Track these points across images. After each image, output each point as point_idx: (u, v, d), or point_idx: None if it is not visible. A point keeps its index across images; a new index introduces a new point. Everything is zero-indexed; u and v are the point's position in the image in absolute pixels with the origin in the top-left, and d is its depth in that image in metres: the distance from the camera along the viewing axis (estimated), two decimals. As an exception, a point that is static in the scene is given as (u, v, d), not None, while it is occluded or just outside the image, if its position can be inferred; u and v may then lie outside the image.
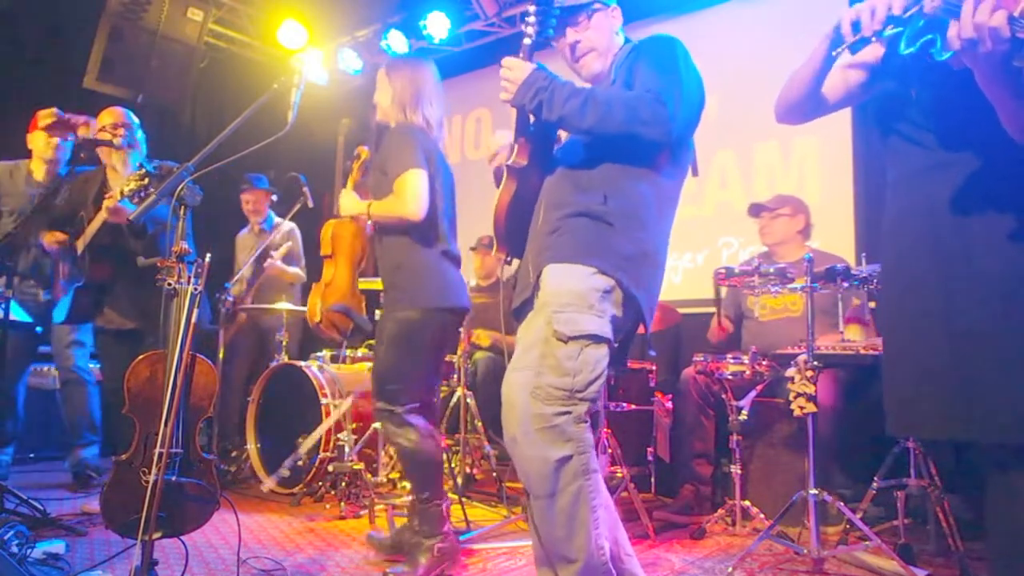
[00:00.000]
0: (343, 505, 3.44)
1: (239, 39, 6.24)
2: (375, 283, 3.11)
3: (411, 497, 2.58)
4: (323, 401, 3.74)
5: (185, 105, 5.77)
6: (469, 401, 3.99)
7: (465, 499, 3.50)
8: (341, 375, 3.92)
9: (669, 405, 3.68)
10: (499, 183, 1.96)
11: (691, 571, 2.59)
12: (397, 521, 2.73)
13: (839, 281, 2.71)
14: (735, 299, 3.77)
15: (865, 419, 3.07)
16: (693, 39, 2.03)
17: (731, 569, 2.51)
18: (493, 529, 3.08)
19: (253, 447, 3.96)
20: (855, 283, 2.73)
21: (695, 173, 2.07)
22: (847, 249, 4.08)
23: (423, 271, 2.55)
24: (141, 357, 2.18)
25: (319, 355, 4.14)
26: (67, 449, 4.03)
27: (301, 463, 3.71)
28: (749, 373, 3.05)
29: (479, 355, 4.57)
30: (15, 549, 2.30)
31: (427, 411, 2.63)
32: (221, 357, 4.04)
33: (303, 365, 3.90)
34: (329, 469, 3.60)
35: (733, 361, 3.09)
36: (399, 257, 2.58)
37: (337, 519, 3.35)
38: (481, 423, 4.06)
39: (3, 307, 2.91)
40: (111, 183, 3.37)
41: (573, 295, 1.75)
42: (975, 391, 1.38)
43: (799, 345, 2.97)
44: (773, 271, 2.83)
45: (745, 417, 3.10)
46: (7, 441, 3.91)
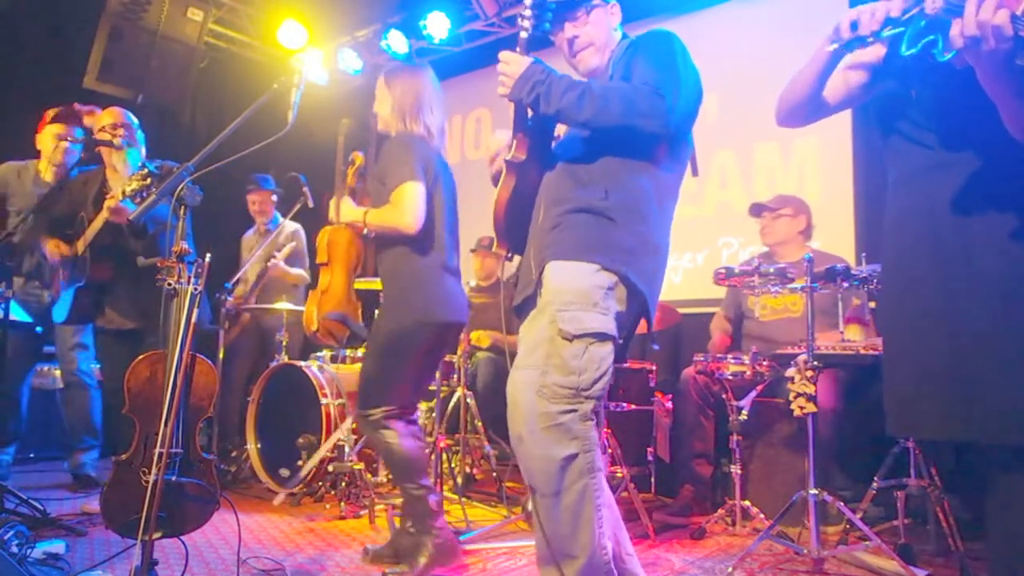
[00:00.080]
0: (343, 505, 3.44)
1: (239, 39, 6.24)
2: (373, 283, 3.11)
3: (404, 493, 2.58)
4: (323, 401, 3.74)
5: (185, 105, 5.77)
6: (469, 401, 3.99)
7: (465, 499, 3.51)
8: (341, 375, 3.92)
9: (669, 405, 3.68)
10: (497, 184, 1.95)
11: (691, 571, 2.59)
12: (397, 521, 2.73)
13: (839, 281, 2.71)
14: (735, 299, 3.77)
15: (865, 419, 3.07)
16: (693, 39, 2.03)
17: (731, 569, 2.51)
18: (493, 529, 3.08)
19: (253, 447, 3.96)
20: (855, 283, 2.73)
21: (695, 173, 2.07)
22: (847, 249, 4.08)
23: (415, 283, 2.56)
24: (141, 357, 2.18)
25: (319, 355, 4.14)
26: (67, 451, 4.03)
27: (301, 463, 3.71)
28: (749, 373, 3.05)
29: (479, 355, 4.57)
30: (15, 549, 2.30)
31: (405, 417, 2.65)
32: (221, 357, 4.03)
33: (303, 365, 3.90)
34: (329, 469, 3.60)
35: (733, 361, 3.09)
36: (393, 267, 2.60)
37: (337, 519, 3.35)
38: (481, 423, 4.06)
39: (3, 307, 2.90)
40: (111, 183, 3.37)
41: (576, 293, 1.75)
42: (975, 391, 1.38)
43: (799, 345, 2.97)
44: (773, 271, 2.83)
45: (745, 417, 3.10)
46: (9, 441, 3.90)
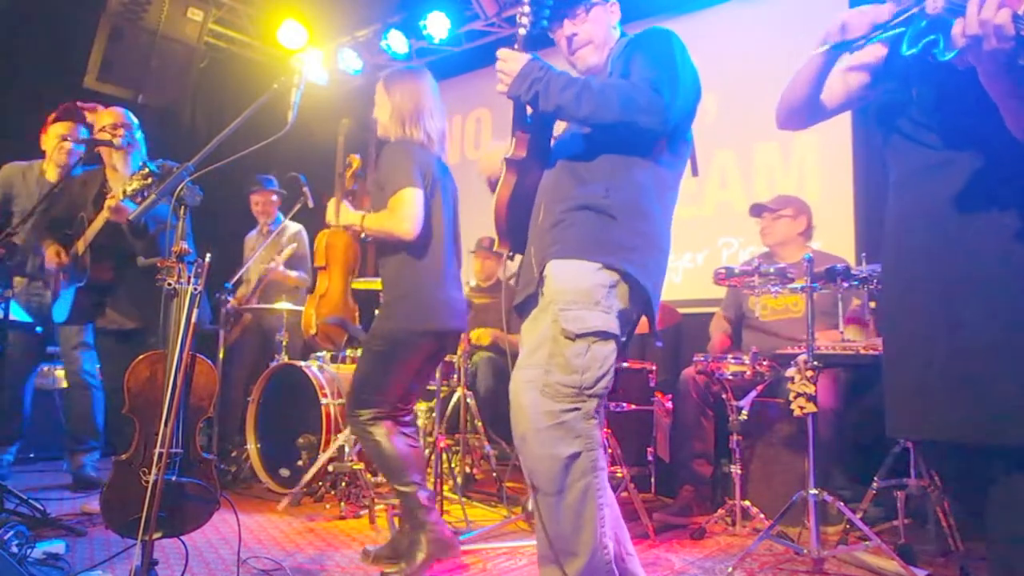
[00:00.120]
0: (343, 505, 3.45)
1: (239, 39, 6.24)
2: (372, 283, 3.11)
3: (394, 490, 2.59)
4: (323, 401, 3.74)
5: (185, 105, 5.77)
6: (469, 401, 3.99)
7: (465, 499, 3.51)
8: (341, 375, 3.92)
9: (669, 405, 3.68)
10: (494, 191, 1.95)
11: (691, 571, 2.59)
12: (396, 522, 2.73)
13: (839, 281, 2.72)
14: (735, 299, 3.77)
15: (865, 419, 3.08)
16: (693, 39, 2.03)
17: (731, 569, 2.51)
18: (493, 529, 3.08)
19: (253, 447, 3.96)
20: (855, 283, 2.73)
21: (695, 173, 2.06)
22: (847, 249, 4.08)
23: (415, 289, 2.57)
24: (141, 357, 2.18)
25: (319, 355, 4.14)
26: (68, 452, 4.01)
27: (301, 463, 3.71)
28: (749, 373, 3.05)
29: (479, 355, 4.57)
30: (15, 549, 2.30)
31: (395, 418, 2.66)
32: (221, 357, 4.03)
33: (303, 365, 3.90)
34: (329, 469, 3.60)
35: (733, 361, 3.09)
36: (395, 272, 2.61)
37: (337, 519, 3.35)
38: (481, 423, 4.06)
39: (3, 307, 2.90)
40: (111, 183, 3.37)
41: (579, 292, 1.75)
42: (976, 392, 1.38)
43: (799, 345, 2.97)
44: (773, 271, 2.83)
45: (745, 417, 3.10)
46: (11, 440, 3.91)
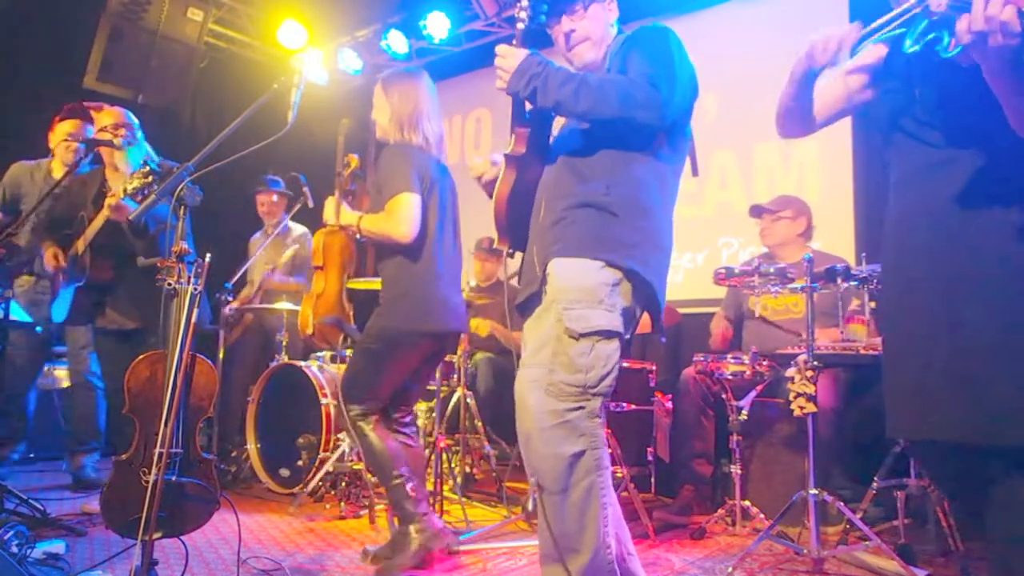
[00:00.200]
0: (343, 505, 3.45)
1: (239, 39, 6.24)
2: (370, 283, 3.11)
3: (383, 484, 2.61)
4: (323, 401, 3.74)
5: (185, 105, 5.77)
6: (469, 401, 3.99)
7: (465, 499, 3.51)
8: (341, 375, 3.91)
9: (669, 405, 3.67)
10: (491, 195, 1.95)
11: (691, 571, 2.59)
12: (397, 521, 2.72)
13: (839, 281, 2.72)
14: (736, 299, 3.77)
15: (865, 419, 3.07)
16: (693, 39, 2.03)
17: (731, 569, 2.51)
18: (493, 529, 3.07)
19: (253, 447, 3.96)
20: (855, 283, 2.73)
21: (695, 173, 2.07)
22: (847, 249, 4.08)
23: (409, 291, 2.59)
24: (141, 357, 2.18)
25: (319, 355, 4.14)
26: (68, 452, 4.00)
27: (301, 463, 3.71)
28: (749, 373, 3.05)
29: (479, 356, 4.57)
30: (15, 549, 2.30)
31: (390, 414, 2.70)
32: (221, 357, 4.03)
33: (303, 365, 3.90)
34: (329, 469, 3.60)
35: (733, 361, 3.09)
36: (390, 273, 2.63)
37: (337, 519, 3.35)
38: (481, 423, 4.06)
39: (3, 307, 2.90)
40: (111, 183, 3.37)
41: (582, 291, 1.75)
42: (978, 392, 1.37)
43: (799, 345, 2.97)
44: (773, 271, 2.83)
45: (745, 417, 3.10)
46: (16, 440, 3.92)
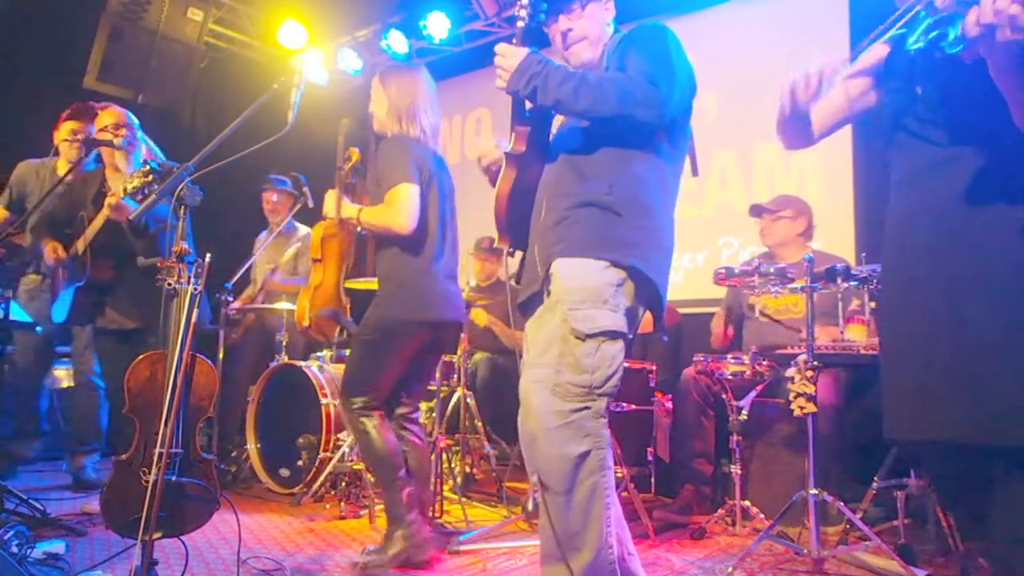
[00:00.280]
0: (343, 505, 3.44)
1: (239, 39, 6.24)
2: (368, 283, 3.11)
3: (379, 486, 2.64)
4: (323, 401, 3.74)
5: (185, 105, 5.77)
6: (469, 401, 3.99)
7: (465, 499, 3.50)
8: (341, 375, 3.91)
9: (669, 405, 3.67)
10: (494, 183, 1.94)
11: (691, 571, 2.59)
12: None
13: (839, 281, 2.71)
14: (736, 299, 3.77)
15: (865, 419, 3.07)
16: (693, 39, 2.04)
17: (731, 569, 2.51)
18: (493, 529, 3.07)
19: (253, 447, 3.96)
20: (855, 283, 2.73)
21: (695, 173, 2.07)
22: (847, 249, 4.08)
23: (405, 284, 2.59)
24: (141, 357, 2.18)
25: (319, 355, 4.14)
26: (68, 452, 4.00)
27: (301, 463, 3.71)
28: (749, 373, 3.05)
29: (479, 355, 4.57)
30: (15, 549, 2.30)
31: (394, 410, 2.70)
32: (221, 357, 4.03)
33: (303, 365, 3.90)
34: (329, 469, 3.60)
35: (733, 361, 3.09)
36: (387, 266, 2.63)
37: (337, 519, 3.35)
38: (481, 423, 4.06)
39: (3, 307, 2.90)
40: (111, 183, 3.37)
41: (587, 291, 1.75)
42: (980, 392, 1.37)
43: (799, 345, 2.96)
44: (773, 271, 2.83)
45: (745, 417, 3.10)
46: (32, 438, 3.93)
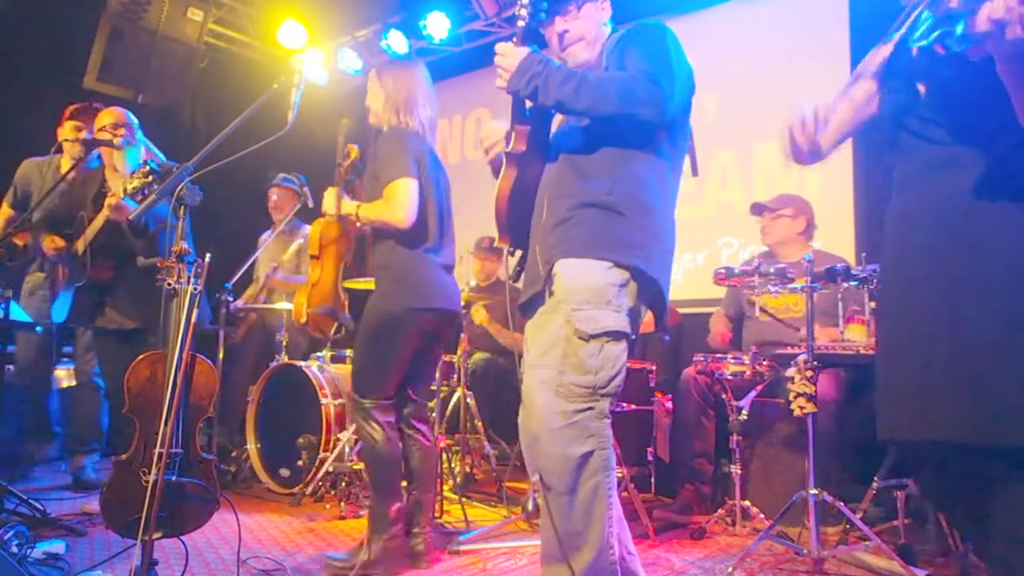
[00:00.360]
0: (343, 505, 3.44)
1: (239, 39, 6.24)
2: (363, 283, 3.11)
3: (371, 492, 2.61)
4: (323, 401, 3.74)
5: (185, 105, 5.77)
6: (469, 401, 3.99)
7: (465, 499, 3.50)
8: (341, 375, 3.92)
9: (669, 405, 3.67)
10: (497, 175, 1.94)
11: (691, 571, 2.59)
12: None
13: (839, 281, 2.71)
14: (736, 298, 3.77)
15: (865, 419, 3.06)
16: (693, 39, 2.04)
17: (731, 569, 2.51)
18: (493, 529, 3.07)
19: (253, 447, 3.96)
20: (855, 283, 2.73)
21: (695, 173, 2.07)
22: (847, 249, 4.07)
23: (404, 273, 2.59)
24: (141, 357, 2.18)
25: (319, 355, 4.14)
26: (68, 452, 4.00)
27: (301, 463, 3.71)
28: (749, 373, 3.04)
29: (479, 355, 4.57)
30: (15, 549, 2.30)
31: (407, 410, 2.69)
32: (221, 357, 4.03)
33: (303, 365, 3.90)
34: (329, 469, 3.60)
35: (733, 361, 3.09)
36: (384, 259, 2.62)
37: (337, 519, 3.35)
38: (481, 423, 4.06)
39: (3, 307, 2.90)
40: (111, 183, 3.37)
41: (590, 292, 1.75)
42: (980, 392, 1.36)
43: (799, 345, 2.96)
44: (773, 271, 2.83)
45: (745, 417, 3.10)
46: (44, 441, 3.92)
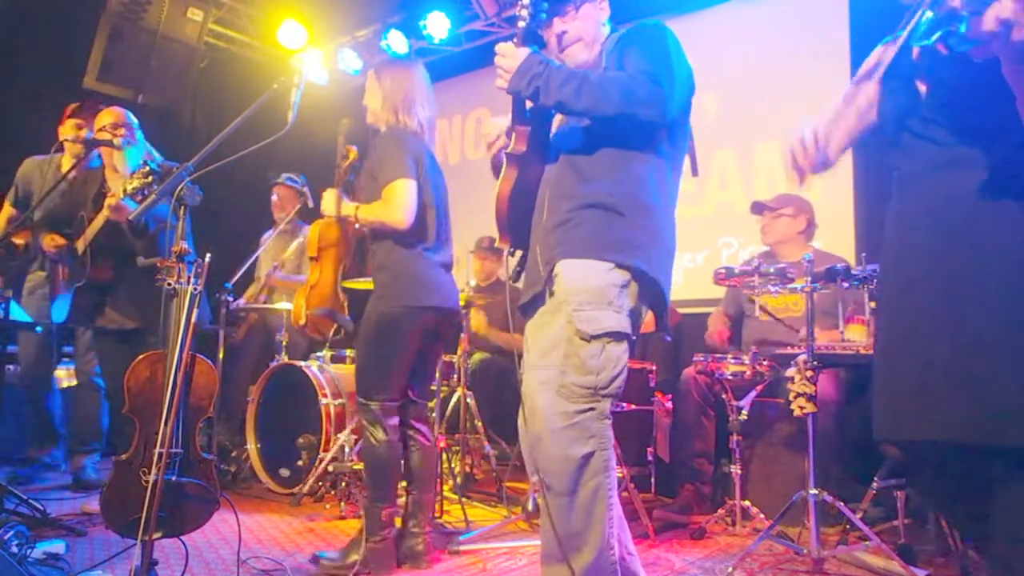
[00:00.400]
0: (343, 505, 3.44)
1: (239, 39, 6.24)
2: (361, 283, 3.11)
3: (366, 493, 2.61)
4: (323, 401, 3.73)
5: (185, 105, 5.78)
6: (469, 401, 3.99)
7: (465, 499, 3.50)
8: (341, 375, 3.92)
9: (669, 405, 3.67)
10: (497, 174, 1.94)
11: (691, 571, 2.59)
12: (397, 522, 2.72)
13: (839, 281, 2.71)
14: (735, 298, 3.77)
15: (865, 419, 3.06)
16: (693, 39, 2.04)
17: (731, 569, 2.51)
18: (493, 529, 3.07)
19: (253, 447, 3.96)
20: (855, 283, 2.73)
21: (695, 173, 2.06)
22: (847, 249, 4.08)
23: (404, 272, 2.59)
24: (141, 357, 2.18)
25: (319, 355, 4.14)
26: (68, 453, 3.99)
27: (301, 463, 3.71)
28: (749, 373, 3.04)
29: (479, 355, 4.57)
30: (15, 549, 2.30)
31: (408, 410, 2.68)
32: (221, 357, 4.03)
33: (303, 365, 3.90)
34: (329, 469, 3.60)
35: (733, 361, 3.09)
36: (383, 259, 2.62)
37: (337, 519, 3.35)
38: (481, 423, 4.05)
39: (3, 307, 2.91)
40: (111, 183, 3.37)
41: (592, 292, 1.75)
42: (980, 392, 1.37)
43: (799, 345, 2.96)
44: (773, 271, 2.83)
45: (745, 417, 3.10)
46: (48, 444, 3.92)
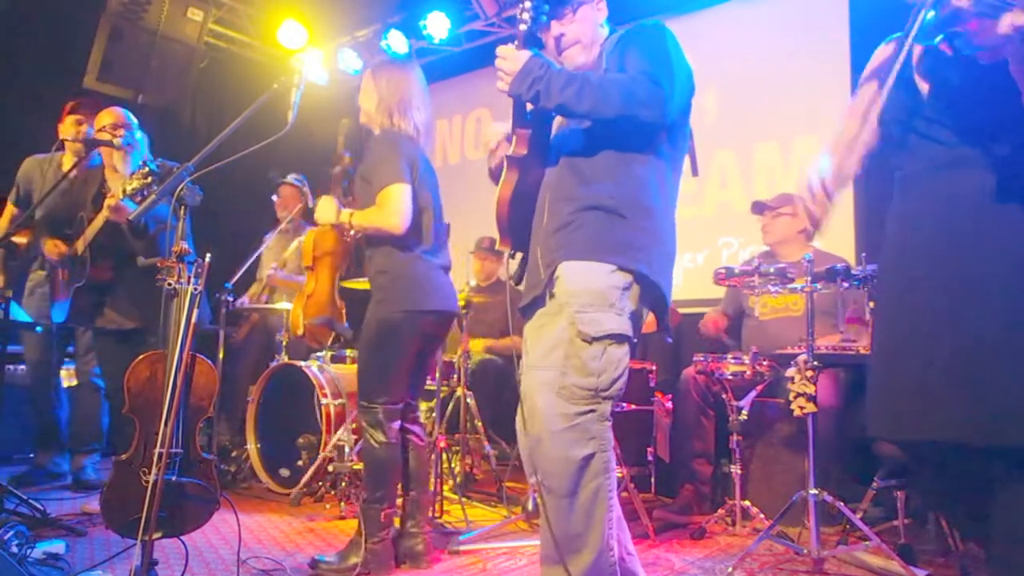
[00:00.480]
0: (343, 505, 3.44)
1: (239, 39, 6.24)
2: (363, 283, 3.10)
3: (364, 495, 2.60)
4: (323, 401, 3.73)
5: (185, 105, 5.77)
6: (469, 401, 3.98)
7: (465, 499, 3.50)
8: (341, 375, 3.92)
9: (669, 405, 3.67)
10: (496, 181, 1.94)
11: (691, 571, 2.59)
12: (396, 522, 2.73)
13: (839, 281, 2.72)
14: (735, 298, 3.77)
15: (865, 419, 3.07)
16: (693, 39, 2.04)
17: (731, 569, 2.51)
18: (493, 529, 3.07)
19: (253, 447, 3.96)
20: (855, 283, 2.73)
21: (695, 173, 2.07)
22: (847, 249, 4.07)
23: (403, 276, 2.59)
24: (141, 357, 2.18)
25: (319, 355, 4.14)
26: (69, 452, 3.99)
27: (301, 463, 3.71)
28: (749, 373, 3.04)
29: (478, 356, 4.57)
30: (15, 549, 2.30)
31: (409, 412, 2.69)
32: (221, 357, 4.03)
33: (303, 365, 3.90)
34: (329, 469, 3.60)
35: (733, 361, 3.09)
36: (381, 263, 2.62)
37: (337, 519, 3.35)
38: (481, 423, 4.05)
39: (3, 307, 2.90)
40: (110, 183, 3.37)
41: (594, 294, 1.75)
42: (980, 392, 1.36)
43: (799, 345, 2.96)
44: (773, 271, 2.83)
45: (745, 417, 3.10)
46: (53, 448, 3.92)
